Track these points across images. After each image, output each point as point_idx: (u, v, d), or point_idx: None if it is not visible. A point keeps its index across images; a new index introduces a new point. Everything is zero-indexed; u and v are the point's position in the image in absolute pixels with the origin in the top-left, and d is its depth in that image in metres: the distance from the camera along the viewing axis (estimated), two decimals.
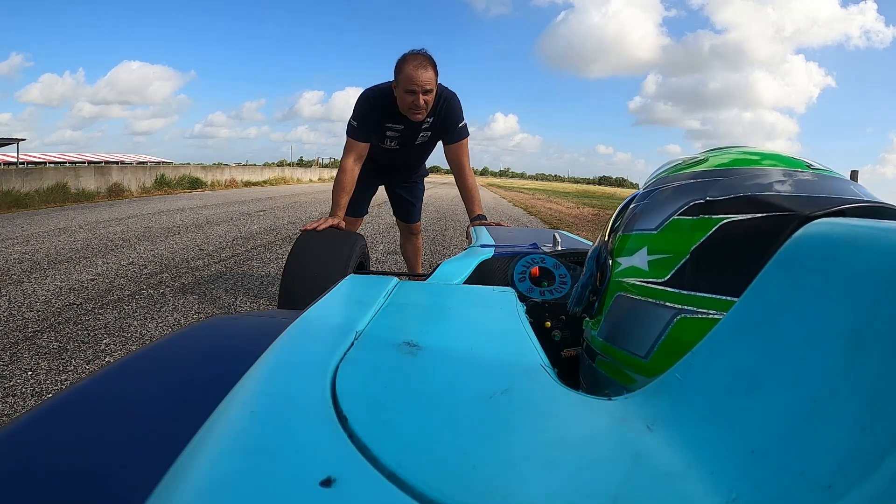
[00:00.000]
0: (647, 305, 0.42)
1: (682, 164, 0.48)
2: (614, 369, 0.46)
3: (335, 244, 1.47)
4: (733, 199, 0.40)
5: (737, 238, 0.38)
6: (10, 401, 1.42)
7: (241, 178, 14.67)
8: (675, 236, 0.42)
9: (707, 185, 0.42)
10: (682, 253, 0.40)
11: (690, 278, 0.39)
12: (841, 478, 0.18)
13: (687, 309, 0.39)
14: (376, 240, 4.44)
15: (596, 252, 0.54)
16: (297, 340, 0.34)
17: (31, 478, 0.24)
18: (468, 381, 0.30)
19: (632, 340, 0.43)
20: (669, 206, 0.43)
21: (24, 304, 2.28)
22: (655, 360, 0.41)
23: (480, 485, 0.20)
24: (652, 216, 0.45)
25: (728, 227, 0.39)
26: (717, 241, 0.39)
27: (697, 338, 0.36)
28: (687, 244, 0.40)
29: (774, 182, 0.41)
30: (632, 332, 0.44)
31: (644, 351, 0.42)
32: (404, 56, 1.64)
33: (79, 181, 8.12)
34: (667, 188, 0.46)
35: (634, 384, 0.43)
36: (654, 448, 0.23)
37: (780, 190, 0.40)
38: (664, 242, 0.42)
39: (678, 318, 0.39)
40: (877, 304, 0.22)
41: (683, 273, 0.40)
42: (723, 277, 0.38)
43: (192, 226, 5.13)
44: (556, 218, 8.54)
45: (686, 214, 0.41)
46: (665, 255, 0.42)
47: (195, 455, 0.21)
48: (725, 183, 0.42)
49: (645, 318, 0.42)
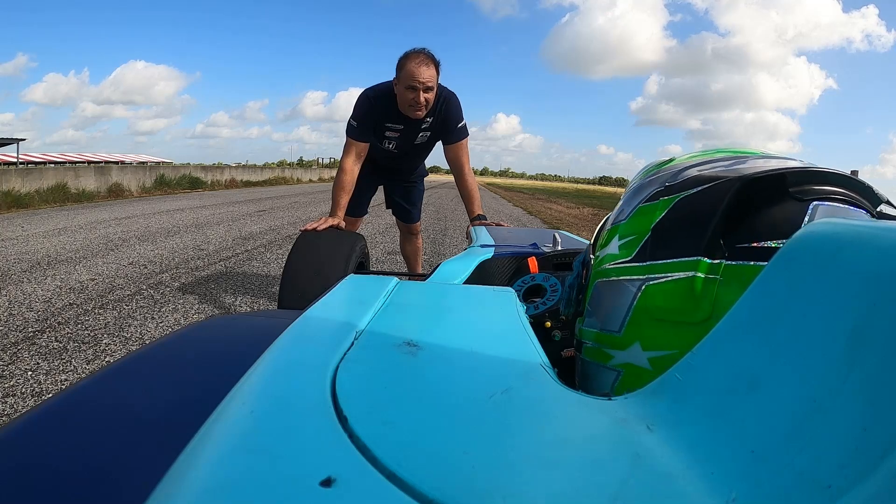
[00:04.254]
0: (618, 283, 0.46)
1: (652, 167, 0.54)
2: (595, 351, 0.49)
3: (335, 244, 1.47)
4: (685, 181, 0.45)
5: (689, 208, 0.43)
6: (11, 401, 1.42)
7: (241, 178, 14.68)
8: (640, 219, 0.47)
9: (666, 177, 0.48)
10: (644, 231, 0.45)
11: (652, 250, 0.44)
12: (841, 478, 0.18)
13: (651, 277, 0.43)
14: (376, 240, 4.43)
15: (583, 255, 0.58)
16: (297, 340, 0.34)
17: (31, 478, 0.24)
18: (468, 381, 0.30)
19: (607, 319, 0.47)
20: (636, 199, 0.49)
21: (23, 304, 2.28)
22: (627, 331, 0.45)
23: (480, 485, 0.20)
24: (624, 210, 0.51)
25: (682, 201, 0.44)
26: (672, 214, 0.44)
27: (662, 301, 0.42)
28: (648, 224, 0.45)
29: (722, 162, 0.47)
30: (607, 311, 0.47)
31: (618, 325, 0.46)
32: (406, 53, 1.64)
33: (79, 181, 8.12)
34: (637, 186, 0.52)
35: (611, 360, 0.46)
36: (654, 448, 0.23)
37: (726, 167, 0.45)
38: (631, 227, 0.47)
39: (644, 287, 0.44)
40: (877, 303, 0.22)
41: (646, 248, 0.45)
42: (678, 242, 0.43)
43: (192, 226, 5.13)
44: (556, 218, 8.54)
45: (649, 201, 0.47)
46: (632, 237, 0.47)
47: (195, 455, 0.21)
48: (680, 171, 0.47)
49: (617, 295, 0.46)
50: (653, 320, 0.43)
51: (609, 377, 0.47)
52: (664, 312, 0.42)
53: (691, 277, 0.41)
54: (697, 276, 0.40)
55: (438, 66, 1.66)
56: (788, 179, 0.41)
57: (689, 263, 0.41)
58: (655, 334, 0.43)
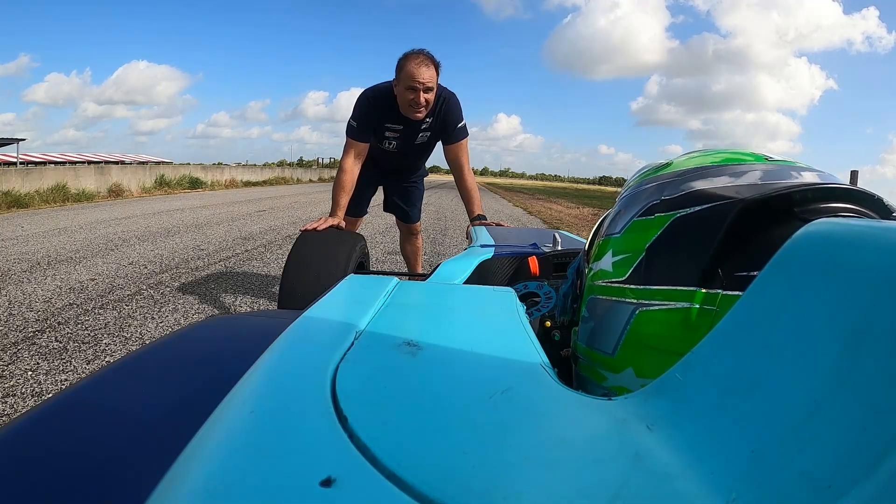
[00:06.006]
0: (611, 304, 0.45)
1: (649, 171, 0.51)
2: (590, 369, 0.48)
3: (335, 244, 1.47)
4: (683, 196, 0.42)
5: (685, 230, 0.41)
6: (11, 401, 1.42)
7: (241, 178, 14.68)
8: (634, 236, 0.44)
9: (663, 187, 0.45)
10: (639, 251, 0.43)
11: (646, 273, 0.42)
12: (841, 478, 0.18)
13: (644, 303, 0.41)
14: (376, 240, 4.43)
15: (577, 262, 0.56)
16: (297, 340, 0.34)
17: (31, 478, 0.24)
18: (468, 381, 0.30)
19: (601, 339, 0.46)
20: (631, 210, 0.46)
21: (24, 304, 2.28)
22: (620, 354, 0.43)
23: (480, 485, 0.20)
24: (618, 221, 0.48)
25: (678, 221, 0.41)
26: (668, 235, 0.42)
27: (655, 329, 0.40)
28: (643, 242, 0.43)
29: (723, 176, 0.43)
30: (601, 331, 0.46)
31: (611, 348, 0.44)
32: (406, 54, 1.64)
33: (79, 181, 8.12)
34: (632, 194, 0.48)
35: (605, 381, 0.45)
36: (654, 448, 0.23)
37: (727, 183, 0.42)
38: (625, 243, 0.45)
39: (637, 312, 0.42)
40: (876, 303, 0.22)
41: (640, 269, 0.43)
42: (673, 269, 0.40)
43: (193, 226, 5.13)
44: (556, 218, 8.54)
45: (644, 215, 0.44)
46: (625, 255, 0.44)
47: (195, 455, 0.21)
48: (679, 183, 0.44)
49: (610, 317, 0.44)
50: (646, 347, 0.41)
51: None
52: (657, 340, 0.40)
53: (686, 308, 0.38)
54: (693, 308, 0.38)
55: (438, 67, 1.66)
56: (793, 198, 0.38)
57: (685, 293, 0.38)
58: (649, 361, 0.41)
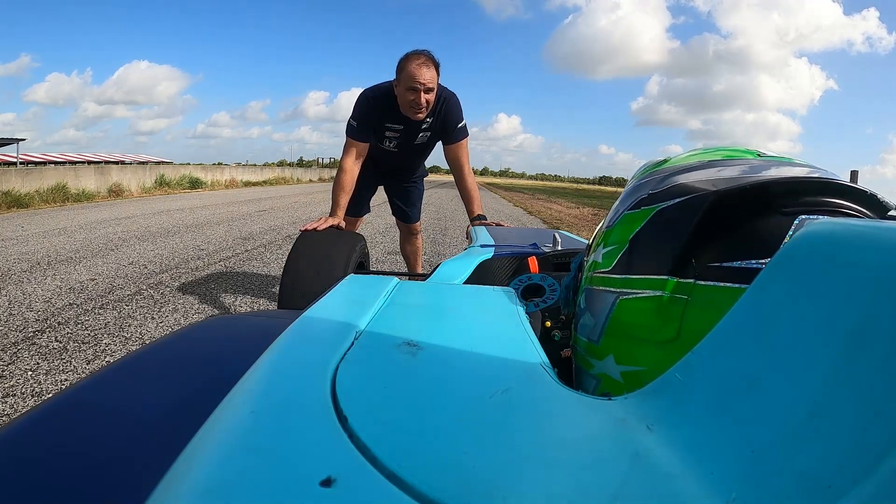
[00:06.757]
0: (599, 293, 0.46)
1: (649, 167, 0.52)
2: (582, 358, 0.50)
3: (335, 244, 1.47)
4: (665, 190, 0.43)
5: (663, 222, 0.42)
6: (11, 401, 1.42)
7: (242, 178, 14.68)
8: (622, 228, 0.46)
9: (653, 183, 0.46)
10: (623, 242, 0.45)
11: (628, 263, 0.44)
12: (841, 478, 0.18)
13: (625, 291, 0.43)
14: (376, 240, 4.43)
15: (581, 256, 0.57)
16: (297, 340, 0.34)
17: (31, 478, 0.24)
18: (468, 381, 0.30)
19: (590, 327, 0.47)
20: (624, 204, 0.48)
21: (24, 304, 2.28)
22: (603, 342, 0.44)
23: (480, 485, 0.20)
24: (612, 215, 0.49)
25: (658, 213, 0.43)
26: (648, 227, 0.43)
27: (633, 317, 0.42)
28: (628, 234, 0.44)
29: (708, 170, 0.44)
30: (590, 319, 0.47)
31: (596, 336, 0.45)
32: (407, 54, 1.64)
33: (79, 181, 8.12)
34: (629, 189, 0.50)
35: (592, 368, 0.46)
36: (654, 448, 0.23)
37: (708, 176, 0.43)
38: (614, 236, 0.47)
39: (618, 300, 0.43)
40: (877, 303, 0.22)
41: (623, 259, 0.44)
42: (650, 259, 0.42)
43: (193, 226, 5.13)
44: (556, 218, 8.54)
45: (633, 209, 0.46)
46: (613, 247, 0.46)
47: (195, 455, 0.21)
48: (666, 177, 0.45)
49: (597, 305, 0.46)
50: (624, 335, 0.42)
51: (591, 384, 0.47)
52: (633, 328, 0.41)
53: (658, 297, 0.39)
54: (664, 296, 0.39)
55: (439, 68, 1.66)
56: (771, 191, 0.38)
57: (658, 282, 0.40)
58: (627, 349, 0.42)
